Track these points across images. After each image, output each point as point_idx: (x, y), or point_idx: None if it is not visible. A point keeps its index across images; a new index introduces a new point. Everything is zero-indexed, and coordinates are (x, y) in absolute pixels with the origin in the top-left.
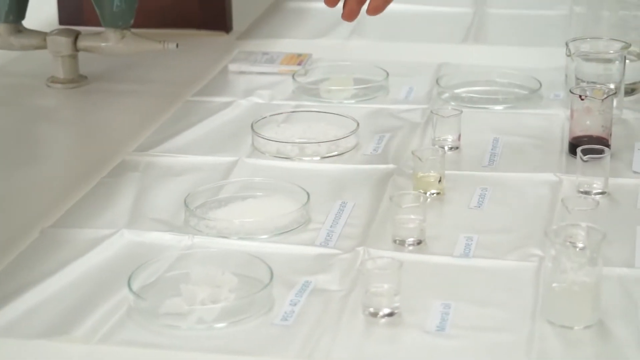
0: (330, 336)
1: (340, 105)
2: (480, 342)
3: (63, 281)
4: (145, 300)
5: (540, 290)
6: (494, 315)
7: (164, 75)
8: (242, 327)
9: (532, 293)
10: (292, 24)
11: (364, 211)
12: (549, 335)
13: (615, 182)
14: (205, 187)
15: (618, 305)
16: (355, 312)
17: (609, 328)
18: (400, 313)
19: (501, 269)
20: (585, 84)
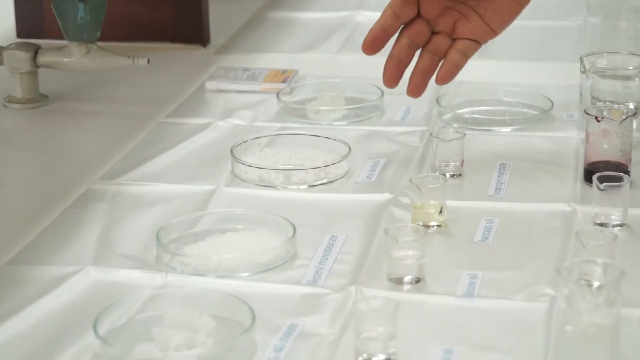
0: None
1: (329, 127)
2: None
3: (20, 325)
4: (113, 346)
5: (553, 334)
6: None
7: (134, 94)
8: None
9: (543, 337)
10: (276, 36)
11: (356, 246)
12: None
13: (635, 213)
14: (179, 219)
15: (638, 351)
16: (347, 358)
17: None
18: (397, 359)
19: (509, 310)
20: (602, 104)
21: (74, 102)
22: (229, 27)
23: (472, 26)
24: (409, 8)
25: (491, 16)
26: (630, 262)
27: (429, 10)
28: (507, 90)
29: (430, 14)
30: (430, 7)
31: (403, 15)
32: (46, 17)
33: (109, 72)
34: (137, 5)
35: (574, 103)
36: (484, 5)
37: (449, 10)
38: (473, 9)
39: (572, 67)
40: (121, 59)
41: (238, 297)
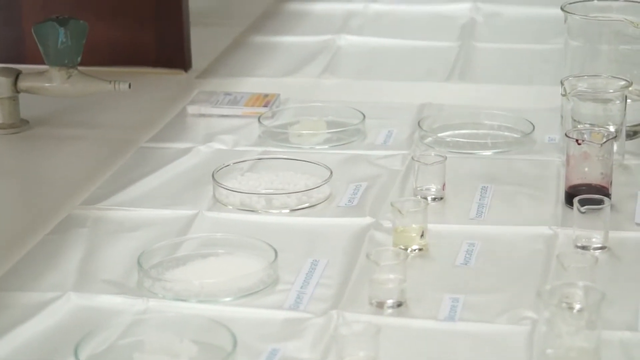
0: None
1: (311, 151)
2: None
3: (2, 351)
4: None
5: (534, 357)
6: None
7: (115, 119)
8: None
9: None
10: (257, 61)
11: (338, 270)
12: None
13: (616, 236)
14: (161, 244)
15: None
16: None
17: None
18: None
19: (490, 334)
20: (583, 127)
21: (55, 127)
22: (210, 52)
23: None
24: None
25: None
26: (611, 284)
27: None
28: (489, 114)
29: None
30: None
31: None
32: (26, 42)
33: (90, 97)
34: (118, 29)
35: (555, 126)
36: None
37: None
38: None
39: (553, 90)
40: (102, 84)
41: (219, 322)
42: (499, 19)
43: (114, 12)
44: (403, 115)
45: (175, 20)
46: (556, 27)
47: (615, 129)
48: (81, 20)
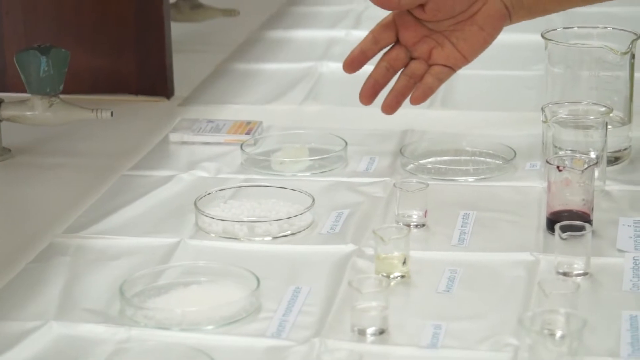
0: None
1: (293, 178)
2: None
3: None
4: None
5: None
6: None
7: (97, 147)
8: None
9: None
10: (240, 88)
11: (320, 297)
12: None
13: (598, 262)
14: (143, 273)
15: None
16: None
17: None
18: None
19: None
20: (564, 153)
21: (37, 156)
22: (192, 79)
23: (446, 53)
24: (388, 34)
25: (463, 45)
26: (592, 311)
27: (406, 37)
28: (470, 140)
29: (408, 41)
30: (407, 35)
31: (382, 41)
32: (8, 70)
33: (72, 125)
34: (100, 57)
35: (537, 152)
36: (457, 34)
37: (426, 38)
38: (447, 38)
39: (534, 117)
40: (84, 112)
41: (202, 350)
42: None
43: (96, 39)
44: (385, 142)
45: (157, 47)
46: (537, 53)
47: (596, 155)
48: (63, 49)
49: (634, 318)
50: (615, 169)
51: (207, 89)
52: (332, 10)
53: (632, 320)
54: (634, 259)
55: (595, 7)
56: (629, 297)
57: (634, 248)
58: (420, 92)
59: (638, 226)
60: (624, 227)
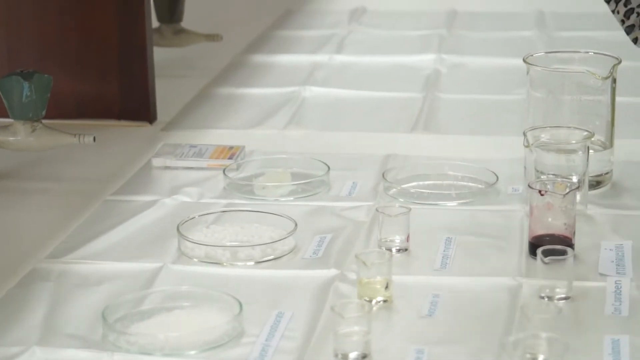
0: None
1: (276, 203)
2: None
3: None
4: None
5: None
6: None
7: (80, 172)
8: None
9: None
10: (222, 113)
11: (302, 322)
12: None
13: (580, 286)
14: (125, 298)
15: None
16: None
17: None
18: None
19: None
20: (546, 177)
21: (20, 181)
22: (175, 104)
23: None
24: None
25: None
26: (574, 335)
27: None
28: (453, 165)
29: None
30: None
31: None
32: None
33: (55, 151)
34: (83, 83)
35: (519, 176)
36: None
37: None
38: None
39: (516, 141)
40: (67, 137)
41: None
42: (463, 69)
43: (79, 65)
44: (367, 167)
45: (140, 72)
46: (519, 77)
47: (578, 179)
48: (45, 74)
49: (615, 342)
50: (597, 193)
51: (190, 113)
52: (315, 35)
53: (614, 344)
54: (616, 283)
55: (577, 32)
56: (611, 321)
57: (616, 272)
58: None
59: (620, 250)
60: (605, 251)
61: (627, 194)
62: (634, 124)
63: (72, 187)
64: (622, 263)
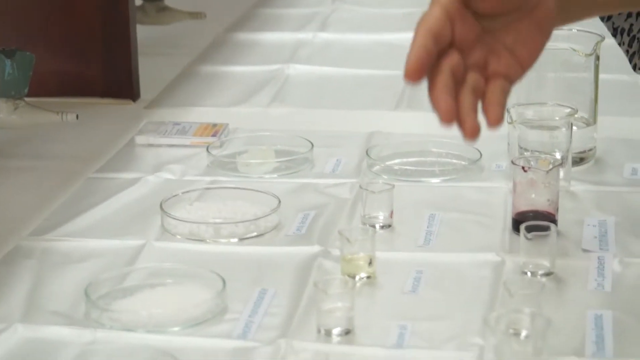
0: None
1: (260, 180)
2: None
3: None
4: None
5: None
6: None
7: (63, 150)
8: None
9: None
10: (206, 90)
11: (286, 299)
12: None
13: (563, 262)
14: (108, 275)
15: None
16: None
17: None
18: None
19: None
20: (529, 154)
21: (2, 159)
22: (159, 82)
23: (505, 62)
24: (447, 30)
25: (522, 50)
26: (557, 310)
27: (463, 36)
28: (436, 142)
29: (464, 42)
30: (465, 33)
31: (441, 39)
32: None
33: (38, 128)
34: (66, 60)
35: (502, 153)
36: (513, 37)
37: (480, 42)
38: (501, 41)
39: None
40: (50, 115)
41: (167, 352)
42: None
43: (61, 43)
44: (351, 144)
45: (123, 50)
46: None
47: (561, 156)
48: (28, 52)
49: (598, 317)
50: (581, 169)
51: (174, 91)
52: (299, 13)
53: (597, 319)
54: (599, 259)
55: None
56: (594, 296)
57: (599, 248)
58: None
59: (603, 226)
60: (589, 227)
61: (610, 170)
62: (618, 101)
63: (55, 165)
64: (605, 239)
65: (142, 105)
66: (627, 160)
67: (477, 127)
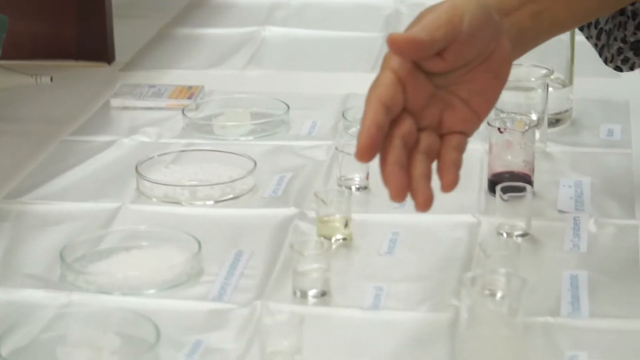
0: None
1: (236, 142)
2: None
3: None
4: None
5: (456, 344)
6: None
7: (37, 113)
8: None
9: (448, 347)
10: (182, 53)
11: (262, 261)
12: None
13: (538, 223)
14: (84, 238)
15: (542, 359)
16: None
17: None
18: None
19: (413, 321)
20: (505, 115)
21: None
22: (134, 44)
23: (460, 116)
24: (398, 98)
25: (477, 100)
26: (532, 271)
27: (416, 100)
28: None
29: (416, 106)
30: (417, 96)
31: (394, 108)
32: None
33: (11, 91)
34: (40, 23)
35: None
36: (468, 87)
37: (433, 99)
38: (455, 94)
39: None
40: (24, 78)
41: (143, 314)
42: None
43: (35, 5)
44: (327, 106)
45: (98, 12)
46: None
47: (537, 117)
48: (1, 14)
49: (574, 278)
50: (556, 130)
51: (149, 54)
52: None
53: (573, 279)
54: (575, 220)
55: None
56: (570, 257)
57: (575, 209)
58: (453, 172)
59: (579, 187)
60: (564, 188)
61: (586, 131)
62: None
63: (30, 128)
64: (580, 200)
65: (117, 68)
66: (603, 121)
67: (429, 198)
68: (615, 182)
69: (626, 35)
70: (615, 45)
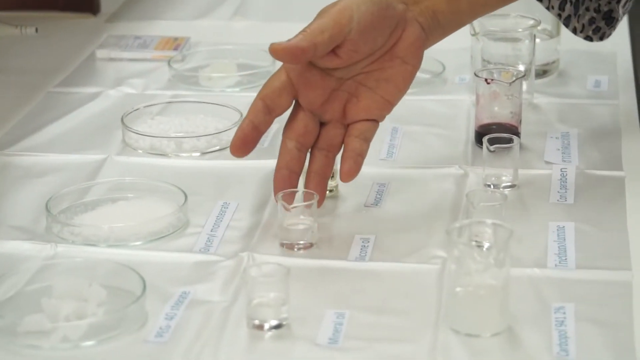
0: (211, 353)
1: (222, 94)
2: (377, 354)
3: None
4: (3, 318)
5: (443, 296)
6: (393, 324)
7: (22, 64)
8: (112, 345)
9: (435, 299)
10: (167, 4)
11: (248, 212)
12: (453, 345)
13: (525, 174)
14: (69, 189)
15: (528, 310)
16: (239, 324)
17: (519, 335)
18: (289, 325)
19: (400, 273)
20: (492, 66)
21: None
22: None
23: (365, 104)
24: (285, 99)
25: (386, 87)
26: (519, 222)
27: (311, 98)
28: None
29: (313, 104)
30: (312, 95)
31: (277, 109)
32: None
33: None
34: None
35: (466, 66)
36: (375, 76)
37: (335, 92)
38: (362, 83)
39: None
40: (8, 29)
41: (129, 266)
42: None
43: None
44: None
45: None
46: None
47: (524, 68)
48: None
49: (560, 229)
50: (544, 81)
51: (135, 4)
52: None
53: (559, 231)
54: (562, 171)
55: None
56: (556, 208)
57: (562, 160)
58: (350, 163)
59: (566, 138)
60: (551, 140)
61: (573, 82)
62: None
63: (14, 79)
64: (567, 151)
65: (102, 19)
66: (590, 72)
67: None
68: (602, 133)
69: (600, 5)
70: (587, 16)
